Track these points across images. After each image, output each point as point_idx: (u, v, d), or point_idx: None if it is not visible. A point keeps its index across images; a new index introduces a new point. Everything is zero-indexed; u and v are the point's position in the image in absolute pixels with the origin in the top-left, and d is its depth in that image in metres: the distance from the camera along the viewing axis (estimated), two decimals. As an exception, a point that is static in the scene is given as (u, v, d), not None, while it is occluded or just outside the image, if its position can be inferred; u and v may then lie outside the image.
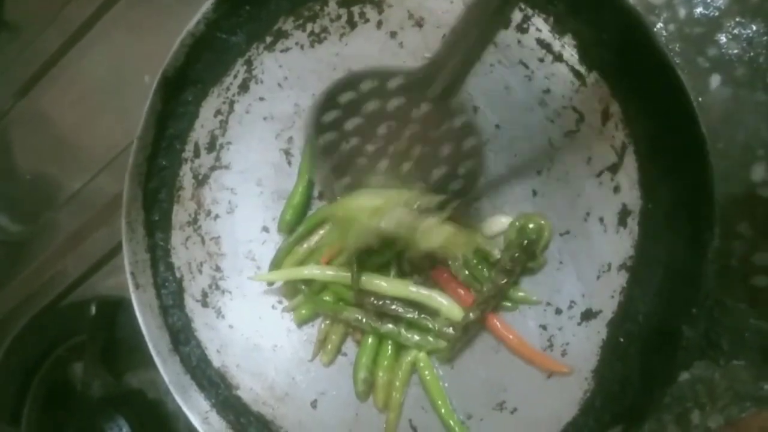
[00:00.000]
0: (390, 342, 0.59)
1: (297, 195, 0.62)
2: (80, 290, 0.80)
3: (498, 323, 0.56)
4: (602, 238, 0.54)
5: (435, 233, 0.52)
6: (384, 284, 0.58)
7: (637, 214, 0.52)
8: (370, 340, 0.59)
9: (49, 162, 0.84)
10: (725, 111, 0.57)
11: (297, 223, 0.62)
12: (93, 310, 0.74)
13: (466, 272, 0.57)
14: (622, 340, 0.52)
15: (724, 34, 0.57)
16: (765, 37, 0.57)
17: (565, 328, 0.54)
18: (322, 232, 0.62)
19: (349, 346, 0.61)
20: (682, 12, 0.58)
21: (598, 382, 0.52)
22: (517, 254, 0.55)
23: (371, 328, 0.58)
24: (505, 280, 0.55)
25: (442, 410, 0.56)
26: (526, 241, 0.55)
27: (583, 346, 0.53)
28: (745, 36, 0.57)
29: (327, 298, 0.61)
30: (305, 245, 0.62)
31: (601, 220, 0.54)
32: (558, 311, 0.55)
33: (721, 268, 0.55)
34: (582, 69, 0.55)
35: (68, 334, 0.77)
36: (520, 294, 0.56)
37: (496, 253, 0.56)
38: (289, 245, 0.62)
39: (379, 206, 0.52)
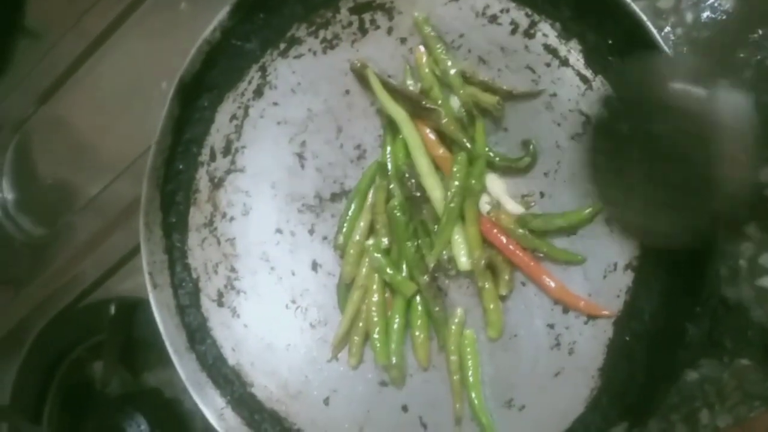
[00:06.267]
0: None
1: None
2: (99, 291, 0.81)
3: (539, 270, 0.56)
4: (608, 239, 0.54)
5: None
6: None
7: (642, 215, 0.53)
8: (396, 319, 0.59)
9: (70, 166, 0.86)
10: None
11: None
12: (112, 310, 0.76)
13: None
14: (628, 338, 0.53)
15: (731, 38, 0.58)
16: (772, 40, 0.57)
17: (572, 327, 0.55)
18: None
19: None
20: (689, 16, 0.59)
21: (604, 380, 0.53)
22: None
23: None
24: None
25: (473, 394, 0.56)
26: None
27: (590, 345, 0.54)
28: (752, 39, 0.57)
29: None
30: (362, 223, 0.61)
31: (608, 220, 0.54)
32: (565, 310, 0.55)
33: (729, 269, 0.55)
34: (588, 73, 0.55)
35: (88, 334, 0.78)
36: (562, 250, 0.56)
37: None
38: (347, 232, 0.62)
39: None
